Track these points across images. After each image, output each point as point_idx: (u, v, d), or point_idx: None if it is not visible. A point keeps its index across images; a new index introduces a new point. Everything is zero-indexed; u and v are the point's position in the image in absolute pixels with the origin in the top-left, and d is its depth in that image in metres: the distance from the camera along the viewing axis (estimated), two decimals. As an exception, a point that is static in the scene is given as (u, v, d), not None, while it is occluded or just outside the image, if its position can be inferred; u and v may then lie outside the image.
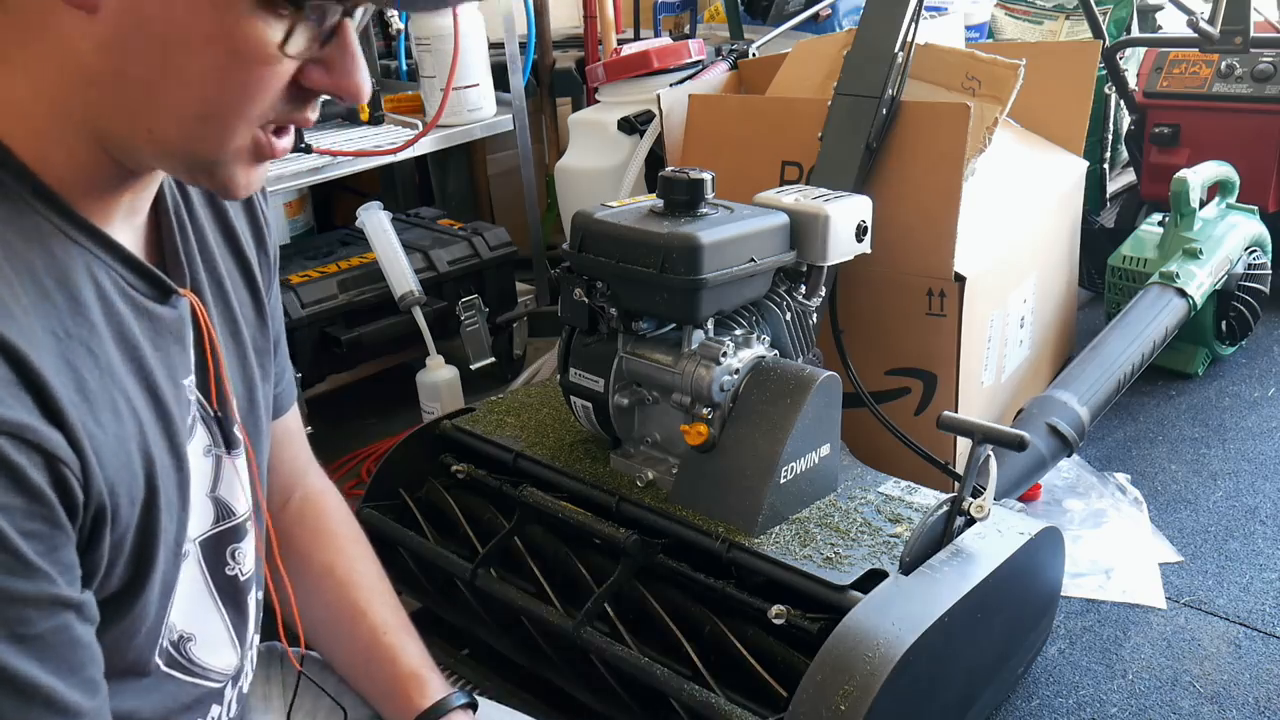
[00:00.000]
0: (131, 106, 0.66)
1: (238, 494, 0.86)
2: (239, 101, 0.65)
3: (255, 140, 0.68)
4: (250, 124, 0.67)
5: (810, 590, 1.24)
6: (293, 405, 1.06)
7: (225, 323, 0.85)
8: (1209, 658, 1.52)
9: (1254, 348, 2.42)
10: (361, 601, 1.03)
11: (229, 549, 0.86)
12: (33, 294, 0.64)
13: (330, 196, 3.02)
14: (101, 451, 0.66)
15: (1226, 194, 2.34)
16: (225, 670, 0.86)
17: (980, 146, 1.75)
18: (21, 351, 0.61)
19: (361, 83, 0.68)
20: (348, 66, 0.67)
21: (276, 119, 0.68)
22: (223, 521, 0.85)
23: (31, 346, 0.62)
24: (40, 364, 0.62)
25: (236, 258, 0.90)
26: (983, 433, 1.30)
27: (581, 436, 1.58)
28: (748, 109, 1.94)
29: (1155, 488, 1.93)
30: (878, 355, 1.78)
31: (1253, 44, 2.24)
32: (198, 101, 0.65)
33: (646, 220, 1.39)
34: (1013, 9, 3.23)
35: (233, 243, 0.89)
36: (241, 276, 0.90)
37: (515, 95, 2.49)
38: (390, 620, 1.03)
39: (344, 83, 0.68)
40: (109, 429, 0.67)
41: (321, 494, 1.10)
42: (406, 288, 2.15)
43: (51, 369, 0.63)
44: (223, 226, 0.88)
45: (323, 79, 0.67)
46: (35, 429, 0.60)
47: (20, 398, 0.60)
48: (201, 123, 0.66)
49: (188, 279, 0.80)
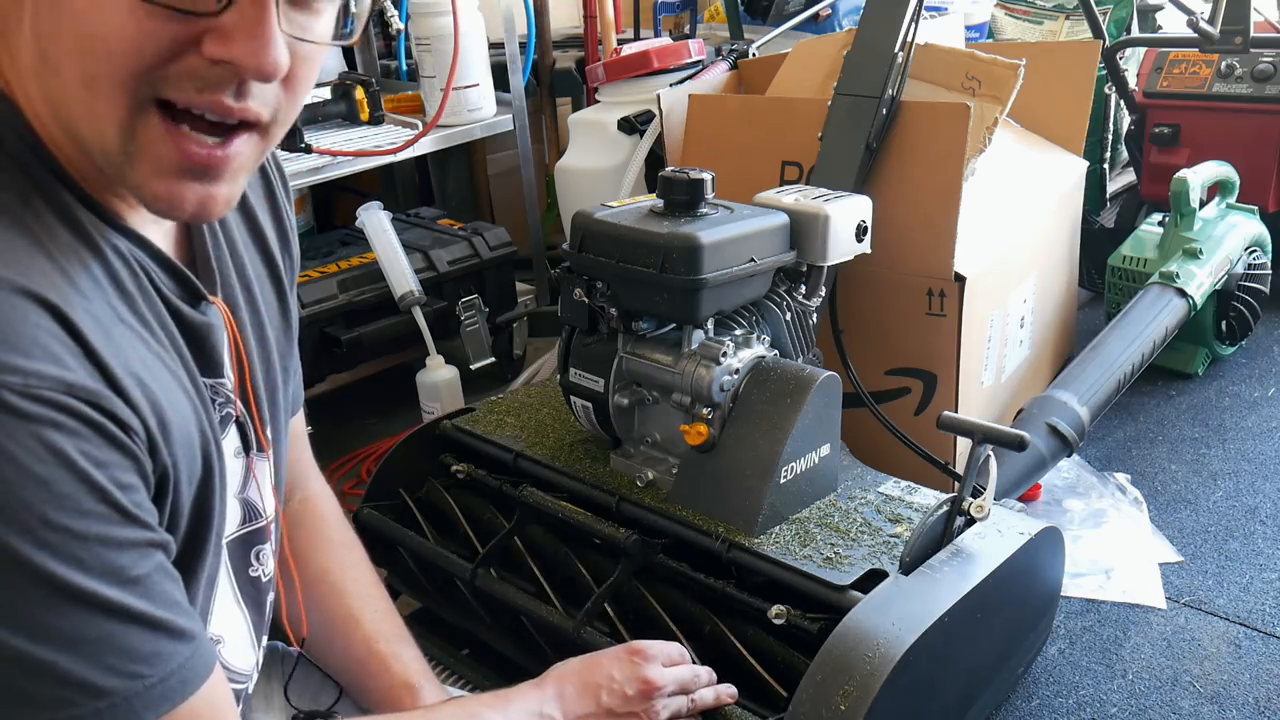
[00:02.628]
0: (55, 95, 0.64)
1: (265, 496, 0.86)
2: (108, 54, 0.61)
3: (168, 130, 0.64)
4: (140, 98, 0.63)
5: (810, 590, 1.24)
6: (300, 408, 1.07)
7: (253, 327, 0.86)
8: (1209, 658, 1.52)
9: (1254, 348, 2.42)
10: (355, 609, 1.04)
11: (254, 550, 0.87)
12: (86, 279, 0.66)
13: (330, 196, 3.02)
14: (166, 422, 0.69)
15: (1226, 194, 2.34)
16: (246, 672, 0.87)
17: (980, 146, 1.75)
18: (84, 330, 0.63)
19: (258, 52, 0.62)
20: (250, 31, 0.62)
21: (178, 96, 0.64)
22: (250, 523, 0.86)
23: (93, 327, 0.64)
24: (102, 343, 0.64)
25: (266, 262, 0.90)
26: (983, 433, 1.30)
27: (581, 436, 1.58)
28: (748, 109, 1.94)
29: (1155, 488, 1.93)
30: (878, 355, 1.78)
31: (1253, 44, 2.24)
32: (75, 63, 0.62)
33: (646, 220, 1.39)
34: (1013, 9, 3.22)
35: (262, 247, 0.90)
36: (270, 279, 0.90)
37: (515, 95, 2.49)
38: (384, 628, 1.04)
39: (236, 50, 0.62)
40: (167, 405, 0.70)
41: (320, 498, 1.11)
42: (406, 288, 2.15)
43: (111, 348, 0.65)
44: (252, 230, 0.89)
45: (217, 48, 0.62)
46: (106, 394, 0.63)
47: (88, 368, 0.63)
48: (87, 91, 0.63)
49: (219, 285, 0.80)
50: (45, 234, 0.65)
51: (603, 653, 1.08)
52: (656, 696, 1.04)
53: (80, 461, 0.61)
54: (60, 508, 0.61)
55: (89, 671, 0.63)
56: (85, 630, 0.63)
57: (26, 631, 0.61)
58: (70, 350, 0.62)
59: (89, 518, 0.62)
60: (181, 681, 0.68)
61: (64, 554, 0.61)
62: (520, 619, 1.40)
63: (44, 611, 0.61)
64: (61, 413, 0.61)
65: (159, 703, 0.67)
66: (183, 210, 0.68)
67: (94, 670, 0.63)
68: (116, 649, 0.64)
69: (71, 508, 0.61)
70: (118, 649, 0.64)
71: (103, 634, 0.64)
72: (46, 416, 0.60)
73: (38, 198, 0.66)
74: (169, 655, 0.68)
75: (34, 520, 0.60)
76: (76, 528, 0.62)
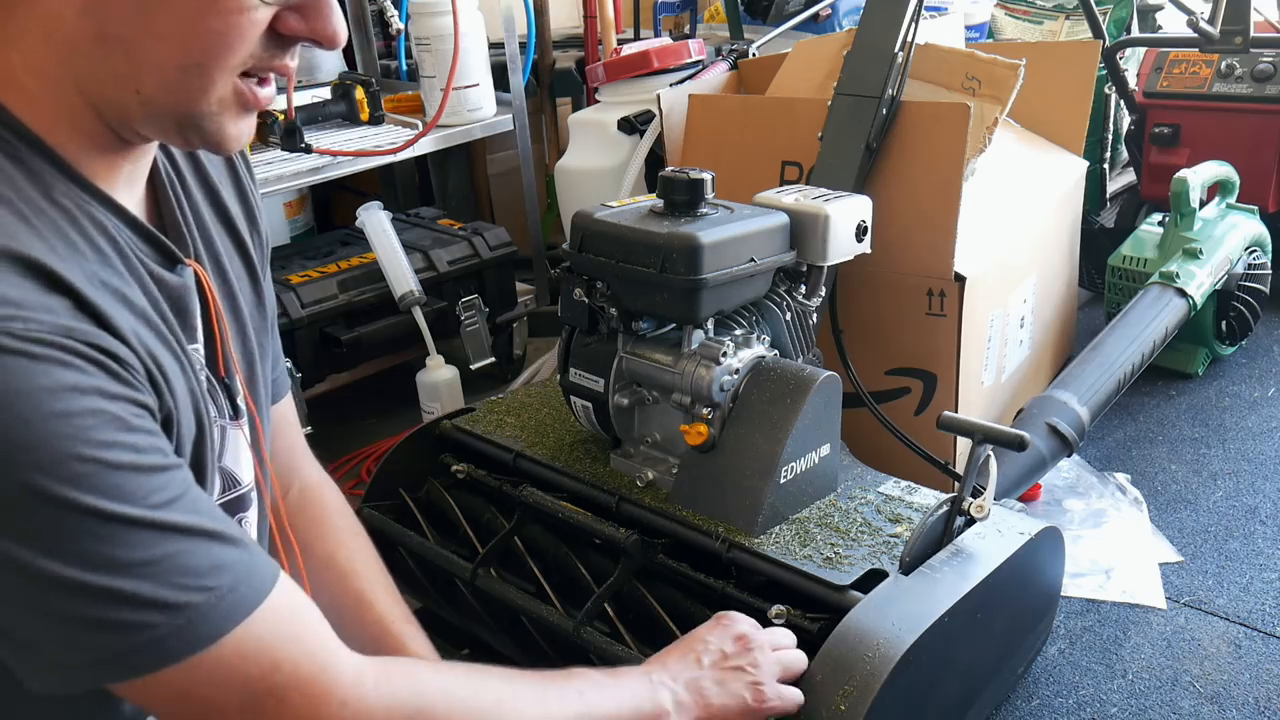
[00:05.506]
0: (117, 68, 0.68)
1: (242, 463, 0.87)
2: (217, 51, 0.68)
3: (237, 90, 0.71)
4: (230, 73, 0.69)
5: (810, 590, 1.24)
6: (287, 394, 1.07)
7: (224, 296, 0.87)
8: (1209, 658, 1.52)
9: (1254, 348, 2.42)
10: (366, 592, 1.04)
11: (236, 518, 0.87)
12: (65, 245, 0.67)
13: (330, 196, 3.02)
14: (166, 372, 0.71)
15: (1226, 194, 2.34)
16: None
17: (980, 146, 1.75)
18: (72, 282, 0.65)
19: (337, 27, 0.72)
20: (322, 10, 0.71)
21: (256, 67, 0.71)
22: (229, 491, 0.87)
23: (81, 280, 0.66)
24: (92, 294, 0.66)
25: (231, 235, 0.91)
26: (983, 433, 1.30)
27: (581, 436, 1.58)
28: (748, 109, 1.94)
29: (1155, 488, 1.93)
30: (878, 355, 1.78)
31: (1253, 44, 2.24)
32: (178, 54, 0.67)
33: (646, 220, 1.39)
34: (1013, 9, 3.23)
35: (227, 221, 0.91)
36: (238, 253, 0.92)
37: (515, 95, 2.49)
38: (395, 610, 1.04)
39: (318, 26, 0.71)
40: (164, 359, 0.72)
41: (320, 486, 1.11)
42: (406, 288, 2.15)
43: (104, 304, 0.67)
44: (216, 205, 0.90)
45: (299, 25, 0.70)
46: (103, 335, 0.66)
47: (81, 316, 0.65)
48: (184, 75, 0.68)
49: (190, 249, 0.82)
50: (25, 204, 0.66)
51: (694, 630, 1.10)
52: (755, 648, 1.07)
53: (95, 395, 0.63)
54: (86, 442, 0.62)
55: (159, 591, 0.65)
56: (143, 553, 0.65)
57: (86, 564, 0.63)
58: (60, 302, 0.64)
59: (115, 448, 0.64)
60: (252, 588, 0.70)
61: (100, 485, 0.63)
62: (520, 619, 1.40)
63: (97, 543, 0.63)
64: (66, 352, 0.62)
65: (236, 610, 0.69)
66: (240, 143, 0.74)
67: (163, 589, 0.65)
68: (179, 566, 0.66)
69: (97, 440, 0.63)
70: (180, 566, 0.66)
71: (161, 554, 0.65)
72: (53, 356, 0.62)
73: (13, 168, 0.67)
74: (232, 564, 0.69)
75: (62, 457, 0.61)
76: (106, 457, 0.63)
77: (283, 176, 2.09)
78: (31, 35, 0.67)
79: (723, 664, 1.04)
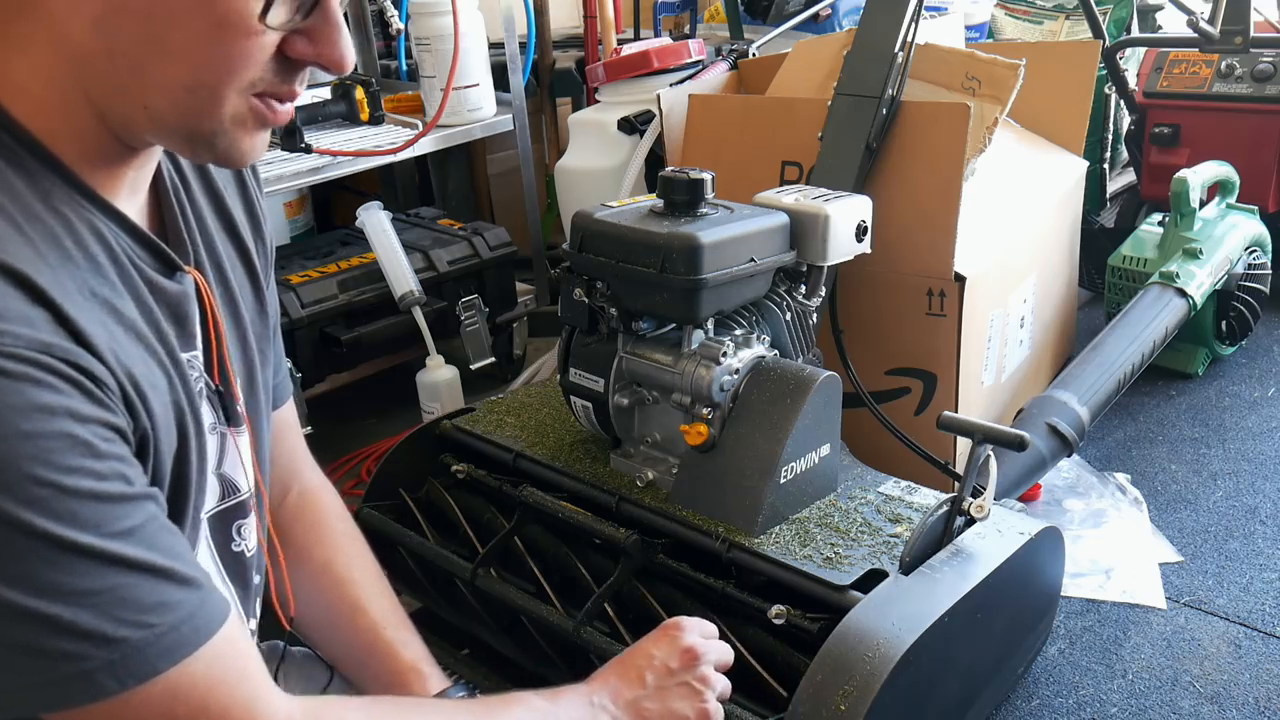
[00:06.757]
0: (125, 84, 0.68)
1: (241, 471, 0.87)
2: (224, 73, 0.68)
3: (254, 108, 0.70)
4: (239, 94, 0.69)
5: (810, 590, 1.24)
6: (288, 399, 1.07)
7: (225, 304, 0.87)
8: (1209, 658, 1.52)
9: (1254, 348, 2.42)
10: (361, 598, 1.04)
11: (235, 525, 0.87)
12: (57, 254, 0.67)
13: (330, 196, 3.02)
14: (142, 389, 0.70)
15: (1226, 194, 2.34)
16: None
17: (980, 146, 1.75)
18: (53, 296, 0.64)
19: (345, 53, 0.71)
20: (331, 37, 0.70)
21: (266, 89, 0.70)
22: (228, 498, 0.86)
23: (62, 294, 0.65)
24: (72, 309, 0.65)
25: (235, 243, 0.91)
26: (983, 433, 1.30)
27: (581, 436, 1.58)
28: (748, 109, 1.94)
29: (1155, 488, 1.93)
30: (878, 355, 1.78)
31: (1253, 44, 2.24)
32: (185, 74, 0.67)
33: (646, 220, 1.39)
34: (1013, 9, 3.23)
35: (230, 228, 0.91)
36: (240, 261, 0.91)
37: (515, 95, 2.49)
38: (390, 616, 1.04)
39: (326, 52, 0.70)
40: (144, 375, 0.71)
41: (318, 490, 1.11)
42: (406, 288, 2.15)
43: (81, 315, 0.66)
44: (220, 212, 0.90)
45: (306, 49, 0.70)
46: (80, 353, 0.65)
47: (59, 331, 0.64)
48: (191, 95, 0.68)
49: (191, 256, 0.82)
50: (20, 210, 0.66)
51: (639, 641, 1.06)
52: (702, 663, 1.02)
53: (64, 417, 0.62)
54: (47, 464, 0.61)
55: (97, 623, 0.64)
56: (88, 583, 0.63)
57: (29, 588, 0.62)
58: (41, 315, 0.63)
59: (77, 474, 0.63)
60: (194, 629, 0.69)
61: (56, 510, 0.62)
62: (520, 619, 1.40)
63: (44, 568, 0.62)
64: (40, 370, 0.62)
65: (172, 651, 0.68)
66: (253, 158, 0.74)
67: (102, 621, 0.64)
68: (121, 599, 0.65)
69: (58, 464, 0.62)
70: (122, 599, 0.65)
71: (106, 585, 0.64)
72: (28, 374, 0.61)
73: (12, 173, 0.67)
74: (177, 603, 0.68)
75: (22, 478, 0.60)
76: (65, 483, 0.62)
77: (283, 176, 2.09)
78: (39, 43, 0.67)
79: (668, 682, 1.01)
